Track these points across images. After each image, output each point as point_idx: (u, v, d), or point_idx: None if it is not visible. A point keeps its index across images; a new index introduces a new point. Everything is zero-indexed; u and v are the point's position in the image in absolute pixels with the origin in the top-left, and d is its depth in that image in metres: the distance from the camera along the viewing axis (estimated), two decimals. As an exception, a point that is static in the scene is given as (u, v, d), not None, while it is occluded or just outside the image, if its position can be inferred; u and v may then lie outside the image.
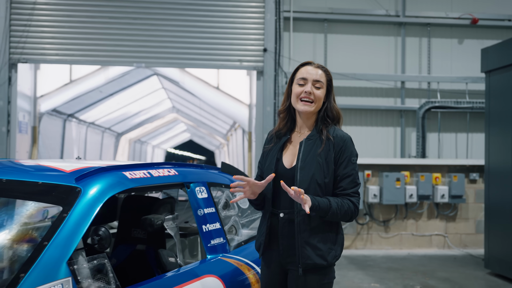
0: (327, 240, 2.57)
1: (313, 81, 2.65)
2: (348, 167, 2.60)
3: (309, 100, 2.62)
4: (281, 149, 2.71)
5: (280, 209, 2.61)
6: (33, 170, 2.60)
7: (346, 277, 6.74)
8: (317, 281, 2.56)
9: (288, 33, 8.93)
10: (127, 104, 13.55)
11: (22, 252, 2.09)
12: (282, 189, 2.49)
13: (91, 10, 8.36)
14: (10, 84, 8.12)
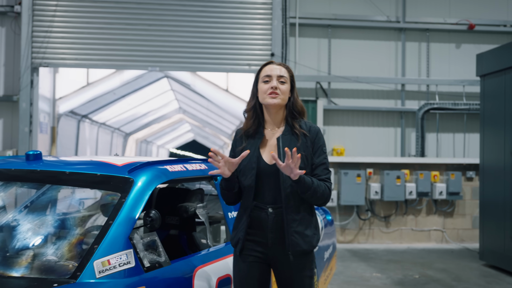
0: (310, 227, 2.75)
1: (277, 76, 2.75)
2: (321, 156, 2.78)
3: (275, 93, 2.72)
4: (258, 147, 2.78)
5: (265, 204, 2.72)
6: (91, 164, 3.07)
7: (349, 268, 7.21)
8: (305, 264, 2.75)
9: (294, 38, 9.41)
10: (137, 105, 14.04)
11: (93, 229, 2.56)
12: (266, 185, 2.70)
13: (108, 17, 8.82)
14: (32, 87, 8.60)
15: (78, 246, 2.55)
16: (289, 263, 2.72)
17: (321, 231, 4.72)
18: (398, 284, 6.35)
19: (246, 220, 2.74)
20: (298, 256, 2.72)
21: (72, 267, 2.38)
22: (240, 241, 2.75)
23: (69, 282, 2.19)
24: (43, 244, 2.59)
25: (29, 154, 3.13)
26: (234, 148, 2.87)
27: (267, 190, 2.73)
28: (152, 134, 22.07)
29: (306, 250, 2.73)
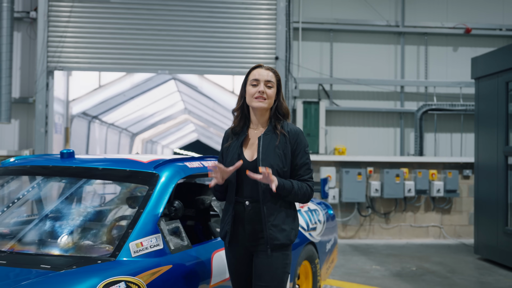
0: (288, 222, 2.89)
1: (265, 81, 2.89)
2: (303, 157, 2.92)
3: (262, 98, 2.87)
4: (241, 145, 2.94)
5: (244, 198, 2.87)
6: (119, 161, 3.47)
7: (350, 261, 7.60)
8: (283, 257, 2.87)
9: (297, 42, 9.80)
10: (145, 106, 14.45)
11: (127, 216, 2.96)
12: (245, 180, 2.84)
13: (119, 23, 9.21)
14: (48, 90, 9.01)
15: (113, 231, 2.95)
16: (266, 256, 2.83)
17: (323, 225, 5.11)
18: (396, 275, 6.73)
19: (231, 213, 2.89)
20: (275, 249, 2.83)
21: (109, 249, 2.77)
22: (227, 234, 2.90)
23: (110, 260, 2.59)
24: (84, 230, 3.00)
25: (63, 152, 3.53)
26: (222, 145, 3.06)
27: (246, 185, 2.87)
28: (158, 134, 22.48)
29: (284, 244, 2.84)
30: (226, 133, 3.07)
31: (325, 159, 9.49)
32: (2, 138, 9.34)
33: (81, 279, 2.28)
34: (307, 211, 4.91)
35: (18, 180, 3.55)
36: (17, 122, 9.35)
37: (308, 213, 4.86)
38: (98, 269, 2.43)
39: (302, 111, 9.59)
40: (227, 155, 2.97)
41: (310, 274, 4.71)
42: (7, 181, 3.50)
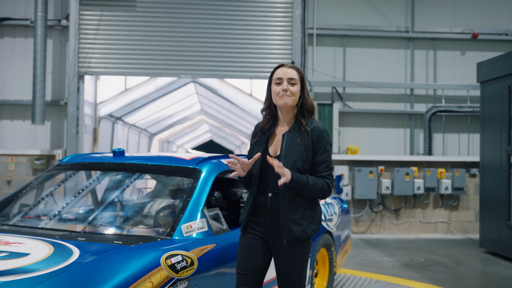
0: (306, 217, 2.98)
1: (288, 79, 2.99)
2: (323, 155, 2.99)
3: (286, 95, 2.97)
4: (267, 141, 3.08)
5: (267, 189, 3.01)
6: (165, 158, 4.04)
7: (362, 253, 8.13)
8: (299, 250, 2.99)
9: (312, 47, 10.33)
10: (164, 108, 15.05)
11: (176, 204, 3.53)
12: (269, 173, 2.96)
13: (145, 30, 9.81)
14: (79, 93, 9.63)
15: (167, 216, 3.52)
16: (283, 247, 2.97)
17: (338, 217, 5.65)
18: (405, 266, 7.25)
19: (251, 203, 3.05)
20: (292, 242, 2.95)
21: (164, 230, 3.34)
22: (244, 220, 3.07)
23: (167, 239, 3.15)
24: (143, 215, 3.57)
25: (115, 151, 4.11)
26: (251, 139, 3.20)
27: (269, 178, 3.00)
28: (174, 134, 23.10)
29: (300, 237, 2.95)
30: (255, 128, 3.20)
31: (339, 158, 10.02)
32: (36, 139, 9.98)
33: (149, 251, 2.85)
34: (324, 204, 5.45)
35: (78, 174, 4.15)
36: (49, 123, 9.97)
37: (325, 206, 5.41)
38: (159, 245, 2.99)
39: (317, 112, 10.11)
40: (254, 149, 3.10)
41: (327, 260, 5.26)
42: (70, 175, 4.09)
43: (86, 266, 2.54)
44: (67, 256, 2.66)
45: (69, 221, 3.54)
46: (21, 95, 10.01)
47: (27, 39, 10.05)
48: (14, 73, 10.05)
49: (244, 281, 3.05)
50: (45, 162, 9.64)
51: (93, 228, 3.32)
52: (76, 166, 4.12)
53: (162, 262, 2.79)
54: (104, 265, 2.58)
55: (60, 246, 2.83)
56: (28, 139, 10.00)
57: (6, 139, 9.97)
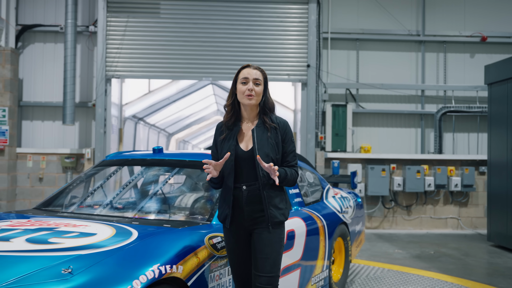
0: (283, 202, 3.24)
1: (253, 79, 3.15)
2: (290, 145, 3.25)
3: (251, 95, 3.13)
4: (235, 137, 3.20)
5: (241, 183, 3.15)
6: (199, 155, 4.54)
7: (375, 246, 8.60)
8: (279, 232, 3.21)
9: (327, 50, 10.81)
10: (183, 109, 15.59)
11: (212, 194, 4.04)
12: (243, 167, 3.14)
13: (168, 35, 10.34)
14: (106, 95, 10.19)
15: (205, 204, 4.02)
16: (267, 232, 3.14)
17: (353, 210, 6.13)
18: (416, 257, 7.71)
19: (230, 198, 3.16)
20: (274, 225, 3.17)
21: (204, 216, 3.85)
22: (228, 217, 3.18)
23: (207, 223, 3.66)
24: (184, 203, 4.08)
25: (155, 149, 4.63)
26: (216, 139, 3.31)
27: (243, 172, 3.16)
28: (190, 134, 23.65)
29: (281, 221, 3.19)
30: (218, 127, 3.32)
31: (352, 156, 10.49)
32: (65, 138, 10.56)
33: (195, 232, 3.35)
34: (340, 197, 5.95)
35: (123, 169, 4.68)
36: (77, 123, 10.54)
37: (341, 199, 5.90)
38: (202, 228, 3.50)
39: (331, 113, 10.58)
40: (223, 146, 3.22)
41: (343, 249, 5.74)
42: (116, 170, 4.62)
43: (146, 243, 3.06)
44: (128, 235, 3.17)
45: (120, 209, 4.06)
46: (51, 97, 10.58)
47: (56, 44, 10.63)
48: (44, 77, 10.63)
49: (237, 274, 3.28)
50: (74, 160, 10.22)
51: (143, 215, 3.84)
52: (121, 162, 4.65)
53: (205, 241, 3.31)
54: (160, 242, 3.09)
55: (120, 228, 3.35)
56: (58, 138, 10.58)
57: (37, 139, 10.56)
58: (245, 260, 3.25)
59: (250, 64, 3.26)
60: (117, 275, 2.68)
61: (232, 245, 3.25)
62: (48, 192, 10.24)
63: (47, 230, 3.29)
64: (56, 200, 4.42)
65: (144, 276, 2.72)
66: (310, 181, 5.47)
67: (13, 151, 10.13)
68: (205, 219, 3.73)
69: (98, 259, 2.79)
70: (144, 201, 4.03)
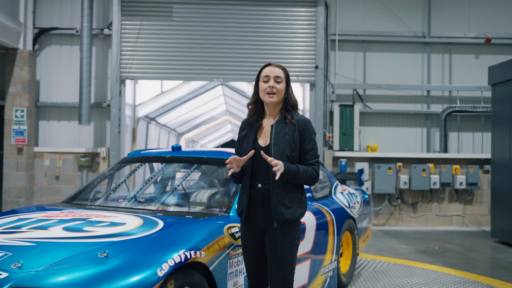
0: (295, 201, 3.20)
1: (274, 77, 3.21)
2: (310, 143, 3.22)
3: (272, 93, 3.19)
4: (255, 132, 3.27)
5: (258, 181, 3.21)
6: (216, 152, 4.83)
7: (382, 242, 8.87)
8: (290, 234, 3.19)
9: (334, 52, 11.09)
10: (193, 109, 15.92)
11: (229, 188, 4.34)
12: (259, 164, 3.18)
13: (180, 38, 10.65)
14: (120, 96, 10.52)
15: (223, 197, 4.33)
16: (275, 230, 3.17)
17: (360, 206, 6.41)
18: (421, 252, 7.99)
19: (247, 193, 3.25)
20: (281, 224, 3.15)
21: (221, 209, 4.15)
22: (244, 211, 3.26)
23: (225, 215, 3.95)
24: (203, 196, 4.39)
25: (173, 147, 4.94)
26: (239, 135, 3.40)
27: (259, 169, 3.21)
28: (199, 134, 23.99)
29: (289, 220, 3.16)
30: (242, 123, 3.41)
31: (359, 155, 10.77)
32: (81, 138, 10.90)
33: (214, 222, 3.65)
34: (348, 193, 6.23)
35: (145, 166, 5.00)
36: (92, 123, 10.87)
37: (349, 195, 6.18)
38: (220, 219, 3.79)
39: (339, 113, 10.87)
40: (243, 142, 3.31)
41: (351, 243, 6.03)
42: (138, 167, 4.94)
43: (172, 231, 3.37)
44: (154, 225, 3.48)
45: (143, 202, 4.38)
46: (67, 98, 10.93)
47: (72, 47, 10.97)
48: (60, 78, 10.98)
49: (250, 270, 3.35)
50: (89, 159, 10.56)
51: (165, 207, 4.15)
52: (142, 159, 4.96)
53: (225, 231, 3.61)
54: (184, 230, 3.40)
55: (147, 218, 3.66)
56: (74, 138, 10.92)
57: (54, 138, 10.91)
58: (258, 256, 3.31)
59: (272, 62, 3.33)
60: (148, 259, 2.98)
61: (246, 240, 3.33)
62: (64, 189, 10.58)
63: (80, 220, 3.61)
64: (83, 194, 4.74)
65: (172, 260, 3.03)
66: (319, 178, 5.76)
67: (31, 150, 10.49)
68: (223, 211, 4.03)
69: (130, 245, 3.10)
70: (166, 195, 4.34)
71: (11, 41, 9.93)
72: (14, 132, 10.21)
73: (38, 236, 3.28)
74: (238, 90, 13.12)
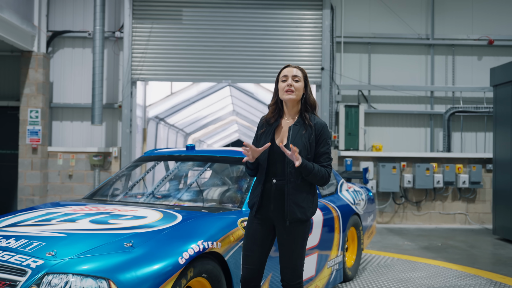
0: (307, 201, 3.33)
1: (292, 76, 3.34)
2: (324, 147, 3.34)
3: (291, 90, 3.31)
4: (274, 132, 3.39)
5: (272, 176, 3.34)
6: (229, 151, 5.10)
7: (386, 239, 9.13)
8: (300, 230, 3.35)
9: (340, 54, 11.36)
10: (201, 109, 16.22)
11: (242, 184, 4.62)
12: (275, 161, 3.31)
13: (190, 41, 10.95)
14: (132, 97, 10.82)
15: (235, 194, 4.61)
16: (286, 227, 3.33)
17: (365, 203, 6.67)
18: (424, 248, 8.24)
19: (260, 188, 3.38)
20: (293, 222, 3.30)
21: (234, 204, 4.43)
22: (255, 204, 3.40)
23: (238, 210, 4.23)
24: (217, 192, 4.67)
25: (188, 146, 5.22)
26: (257, 131, 3.51)
27: (275, 166, 3.34)
28: (206, 134, 24.29)
29: (301, 219, 3.30)
30: (260, 121, 3.53)
31: (364, 154, 11.02)
32: (93, 138, 11.21)
33: (228, 216, 3.93)
34: (353, 191, 6.50)
35: (161, 164, 5.29)
36: (104, 124, 11.17)
37: (354, 193, 6.45)
38: (234, 213, 4.07)
39: (344, 113, 11.13)
40: (261, 139, 3.43)
41: (356, 238, 6.29)
42: (154, 165, 5.22)
43: (190, 223, 3.65)
44: (174, 218, 3.76)
45: (161, 198, 4.67)
46: (79, 99, 11.24)
47: (84, 49, 11.28)
48: (73, 80, 11.29)
49: (249, 260, 3.45)
50: (102, 158, 10.86)
51: (182, 202, 4.44)
52: (158, 157, 5.25)
53: (238, 224, 3.88)
54: (202, 223, 3.68)
55: (166, 212, 3.94)
56: (86, 138, 11.23)
57: (67, 138, 11.22)
58: (262, 246, 3.43)
59: (290, 64, 3.45)
60: (169, 248, 3.26)
61: (254, 230, 3.44)
62: (77, 188, 10.90)
63: (105, 214, 3.90)
64: (102, 191, 5.03)
65: (191, 249, 3.30)
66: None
67: (45, 149, 10.80)
68: (236, 206, 4.31)
69: (153, 236, 3.38)
70: (182, 191, 4.62)
71: (26, 44, 10.25)
72: (29, 132, 10.53)
73: (67, 228, 3.57)
74: (245, 91, 13.39)
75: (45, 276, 2.94)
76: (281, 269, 3.43)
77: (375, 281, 6.03)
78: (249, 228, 3.47)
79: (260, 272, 3.47)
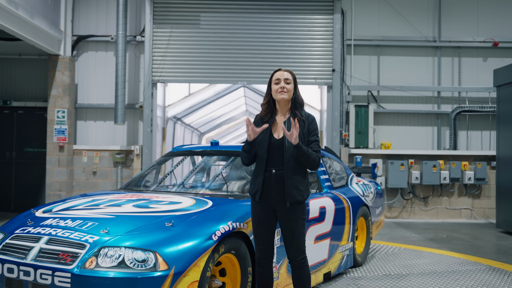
0: (303, 184, 3.83)
1: (284, 79, 3.80)
2: (314, 135, 3.84)
3: (283, 91, 3.78)
4: (271, 127, 3.84)
5: (271, 167, 3.78)
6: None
7: (394, 231, 9.64)
8: (299, 210, 3.81)
9: (350, 56, 11.87)
10: (216, 110, 16.78)
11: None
12: (274, 153, 3.76)
13: (207, 44, 11.52)
14: (152, 98, 11.42)
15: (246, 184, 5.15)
16: (287, 209, 3.78)
17: (374, 195, 7.19)
18: (430, 240, 8.74)
19: (261, 177, 3.81)
20: (292, 204, 3.77)
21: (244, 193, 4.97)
22: (258, 192, 3.82)
23: (255, 198, 4.77)
24: (239, 183, 5.22)
25: (212, 142, 5.78)
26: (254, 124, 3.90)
27: (274, 158, 3.79)
28: (219, 134, 24.86)
29: (299, 200, 3.77)
30: (255, 118, 3.98)
31: (373, 152, 11.53)
32: (116, 136, 11.82)
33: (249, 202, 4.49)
34: (362, 184, 7.02)
35: (189, 158, 5.85)
36: (126, 123, 11.77)
37: (364, 185, 6.97)
38: (256, 200, 4.63)
39: (354, 113, 11.64)
40: (259, 135, 3.82)
41: (365, 227, 6.83)
42: (183, 159, 5.80)
43: (220, 207, 4.20)
44: (205, 203, 4.32)
45: (190, 188, 5.23)
46: (103, 99, 11.85)
47: (107, 53, 11.89)
48: (96, 82, 11.90)
49: (260, 241, 3.91)
50: (124, 156, 11.47)
51: (210, 191, 5.00)
52: (186, 152, 5.82)
53: (261, 209, 4.43)
54: (230, 207, 4.24)
55: (198, 199, 4.50)
56: (109, 136, 11.84)
57: (90, 137, 11.84)
58: (266, 229, 3.87)
59: (281, 68, 3.92)
60: (204, 228, 3.82)
61: (259, 216, 3.87)
62: (101, 184, 11.51)
63: (144, 200, 4.47)
64: (137, 182, 5.61)
65: (222, 228, 3.86)
66: (337, 170, 6.58)
67: (70, 148, 11.43)
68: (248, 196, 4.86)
69: (189, 217, 3.95)
70: (209, 182, 5.19)
71: (53, 47, 10.88)
72: (56, 131, 11.16)
73: (114, 211, 4.14)
74: (259, 92, 13.92)
75: (102, 249, 3.51)
76: (286, 248, 3.89)
77: (382, 266, 6.56)
78: (254, 215, 3.91)
79: (271, 250, 3.94)
